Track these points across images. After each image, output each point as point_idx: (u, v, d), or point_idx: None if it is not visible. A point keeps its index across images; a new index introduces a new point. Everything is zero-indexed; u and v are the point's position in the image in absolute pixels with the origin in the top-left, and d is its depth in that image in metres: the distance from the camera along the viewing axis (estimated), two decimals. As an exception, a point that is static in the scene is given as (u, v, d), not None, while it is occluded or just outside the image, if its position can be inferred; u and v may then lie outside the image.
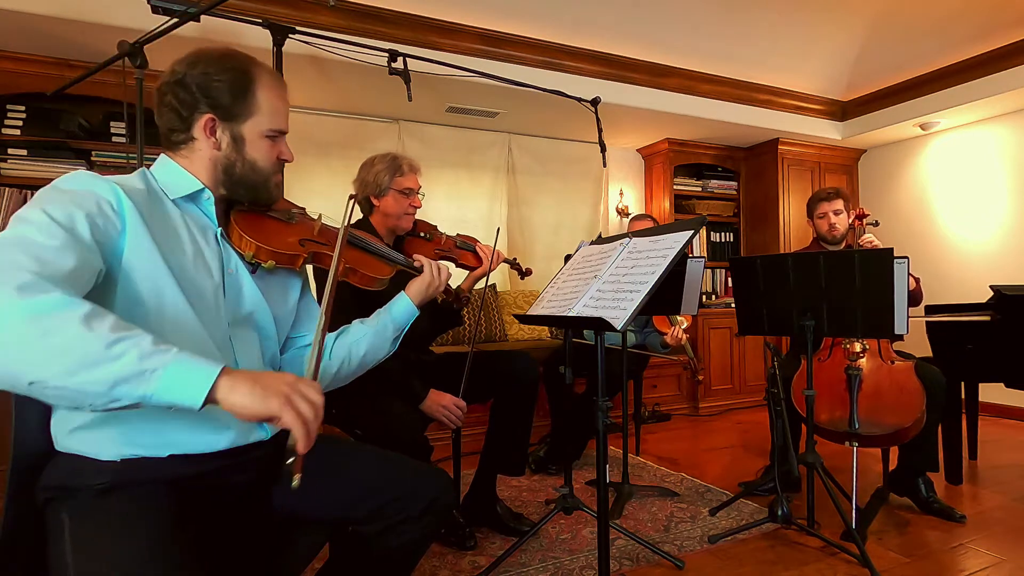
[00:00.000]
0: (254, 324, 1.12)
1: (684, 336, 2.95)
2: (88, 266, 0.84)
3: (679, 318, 2.89)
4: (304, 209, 1.27)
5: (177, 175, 1.05)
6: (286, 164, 1.16)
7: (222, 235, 1.09)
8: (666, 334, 2.93)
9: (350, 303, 1.57)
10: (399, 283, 1.39)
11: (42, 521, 0.91)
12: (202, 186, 1.06)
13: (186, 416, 0.94)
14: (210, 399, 0.75)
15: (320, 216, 1.28)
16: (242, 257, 1.10)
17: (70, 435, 0.92)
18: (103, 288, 0.89)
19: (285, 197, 1.28)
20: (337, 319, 1.36)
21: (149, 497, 0.89)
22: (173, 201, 1.03)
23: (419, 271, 1.40)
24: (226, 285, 1.06)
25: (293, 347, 1.25)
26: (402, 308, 1.34)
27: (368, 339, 1.29)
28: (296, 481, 0.78)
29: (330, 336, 1.29)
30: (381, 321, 1.32)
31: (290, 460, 0.78)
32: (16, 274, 0.72)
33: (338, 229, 1.19)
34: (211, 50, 1.07)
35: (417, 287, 1.37)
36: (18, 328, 0.69)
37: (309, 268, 1.26)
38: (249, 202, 1.14)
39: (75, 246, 0.82)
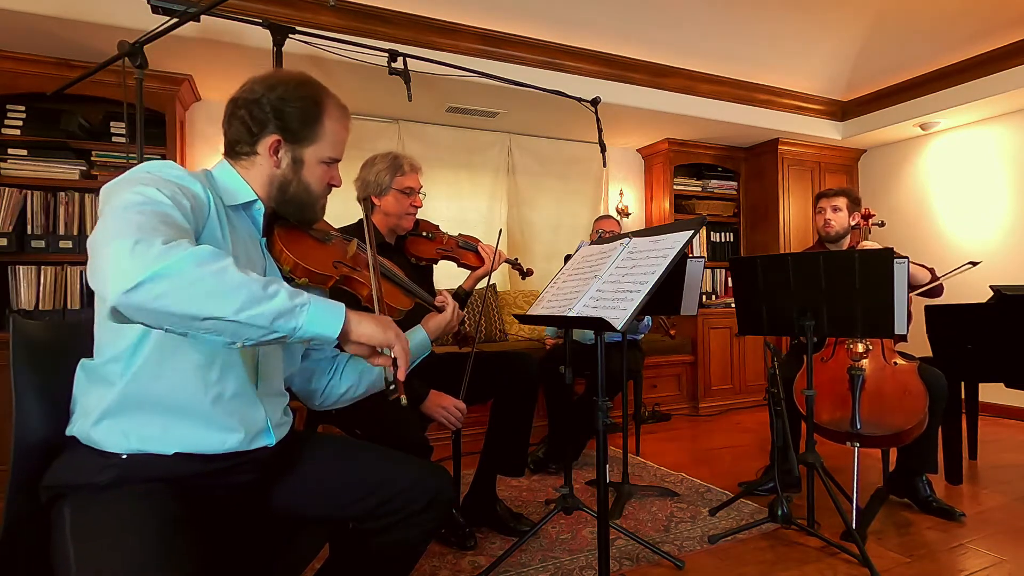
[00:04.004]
0: None
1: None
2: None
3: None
4: (340, 234, 1.32)
5: (236, 183, 1.10)
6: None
7: (265, 245, 1.14)
8: None
9: None
10: (414, 314, 1.41)
11: (45, 517, 0.92)
12: (256, 197, 1.10)
13: (196, 415, 0.96)
14: (344, 331, 0.89)
15: (355, 242, 1.32)
16: (280, 270, 1.14)
17: (87, 428, 0.93)
18: None
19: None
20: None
21: (151, 494, 0.90)
22: (228, 207, 1.07)
23: (438, 309, 1.43)
24: None
25: (308, 358, 1.28)
26: (418, 342, 1.36)
27: (379, 368, 1.29)
28: (404, 400, 0.98)
29: (342, 357, 1.31)
30: None
31: (392, 387, 0.97)
32: (166, 231, 0.81)
33: (368, 255, 1.25)
34: (290, 75, 1.12)
35: (436, 323, 1.41)
36: (195, 273, 0.77)
37: None
38: (295, 220, 1.18)
39: (189, 230, 0.89)
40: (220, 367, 0.99)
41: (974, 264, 2.36)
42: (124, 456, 0.92)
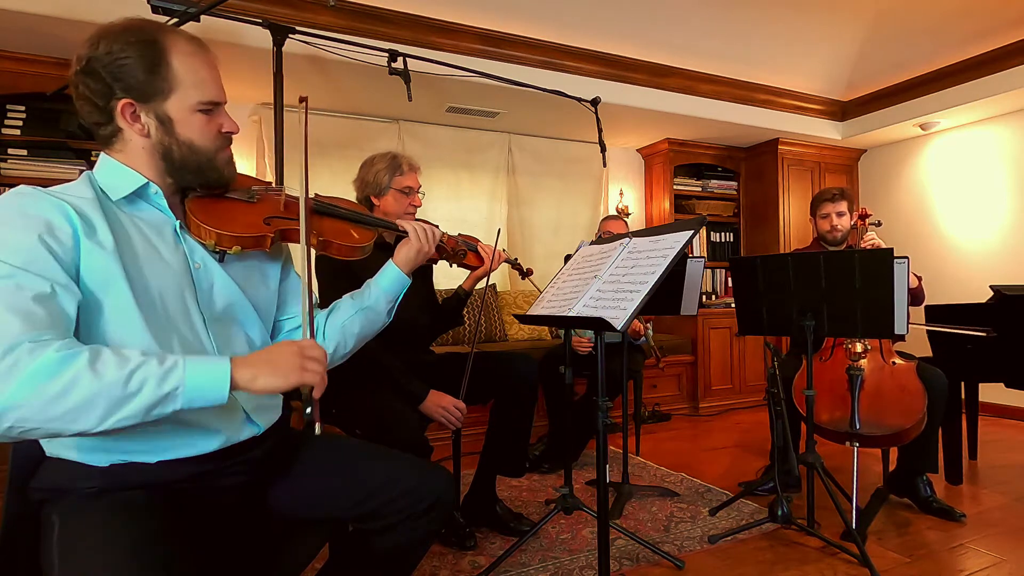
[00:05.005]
0: (234, 318, 1.06)
1: (643, 326, 2.94)
2: (67, 301, 0.82)
3: None
4: (269, 184, 1.18)
5: (118, 173, 0.97)
6: (233, 138, 1.07)
7: (181, 228, 1.01)
8: None
9: (340, 278, 1.52)
10: (389, 251, 1.33)
11: (36, 518, 0.91)
12: (145, 180, 0.98)
13: (174, 423, 0.91)
14: (234, 389, 0.81)
15: (284, 189, 1.17)
16: (206, 247, 1.02)
17: (61, 445, 0.91)
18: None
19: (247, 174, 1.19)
20: (328, 297, 1.31)
21: (138, 501, 0.87)
22: (117, 202, 0.96)
23: (399, 230, 1.32)
24: (195, 282, 1.00)
25: (283, 331, 1.20)
26: (391, 278, 1.26)
27: (360, 316, 1.23)
28: (319, 428, 0.87)
29: (320, 315, 1.23)
30: (372, 295, 1.25)
31: (309, 410, 0.87)
32: (11, 341, 0.73)
33: (306, 200, 1.08)
34: (113, 24, 0.95)
35: (406, 253, 1.29)
36: (39, 397, 0.72)
37: (296, 249, 1.15)
38: (201, 186, 1.04)
39: (48, 289, 0.80)
40: None
41: (989, 334, 2.37)
42: (107, 466, 0.89)
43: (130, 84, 0.93)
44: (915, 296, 2.46)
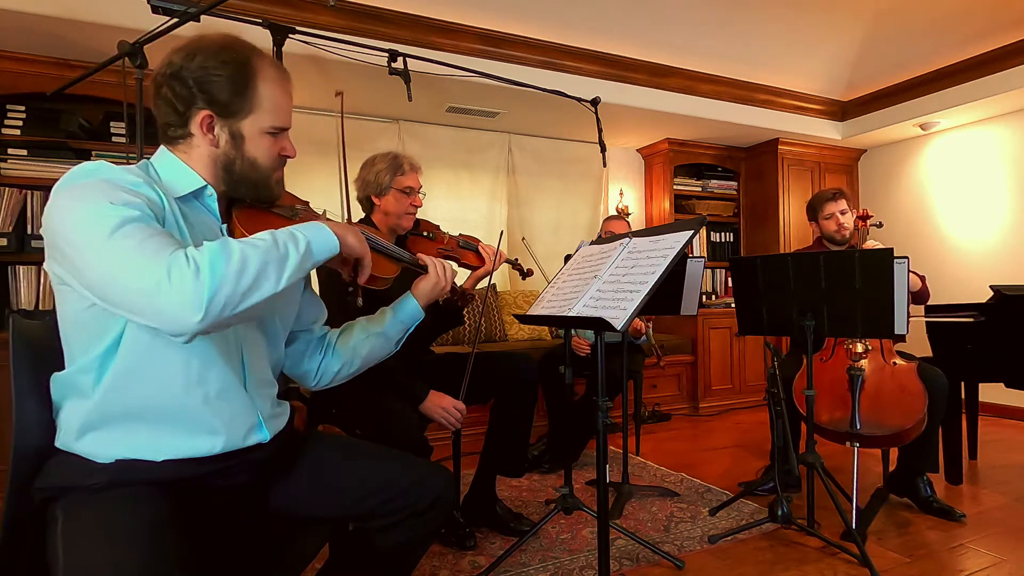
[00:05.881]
0: (261, 325, 1.09)
1: (643, 325, 2.95)
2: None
3: None
4: (308, 204, 1.24)
5: (180, 171, 1.01)
6: (288, 161, 1.13)
7: (226, 232, 1.06)
8: None
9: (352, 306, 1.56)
10: (403, 281, 1.38)
11: (39, 518, 0.91)
12: (204, 183, 1.02)
13: (182, 419, 0.94)
14: (340, 241, 1.00)
15: (324, 212, 1.25)
16: None
17: (70, 437, 0.92)
18: None
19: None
20: (338, 318, 1.36)
21: (142, 497, 0.88)
22: (177, 199, 0.99)
23: (425, 271, 1.37)
24: None
25: (297, 341, 1.24)
26: (408, 309, 1.33)
27: (371, 340, 1.28)
28: (360, 302, 1.13)
29: (332, 334, 1.28)
30: (386, 322, 1.30)
31: (351, 288, 1.09)
32: (165, 240, 0.82)
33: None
34: (210, 40, 1.01)
35: (423, 287, 1.35)
36: (231, 275, 0.81)
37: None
38: (250, 199, 1.10)
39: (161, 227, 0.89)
40: (200, 367, 0.95)
41: (976, 318, 2.38)
42: (113, 462, 0.90)
43: (215, 99, 0.99)
44: (919, 296, 2.46)
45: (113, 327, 0.89)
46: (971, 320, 2.44)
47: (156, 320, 0.78)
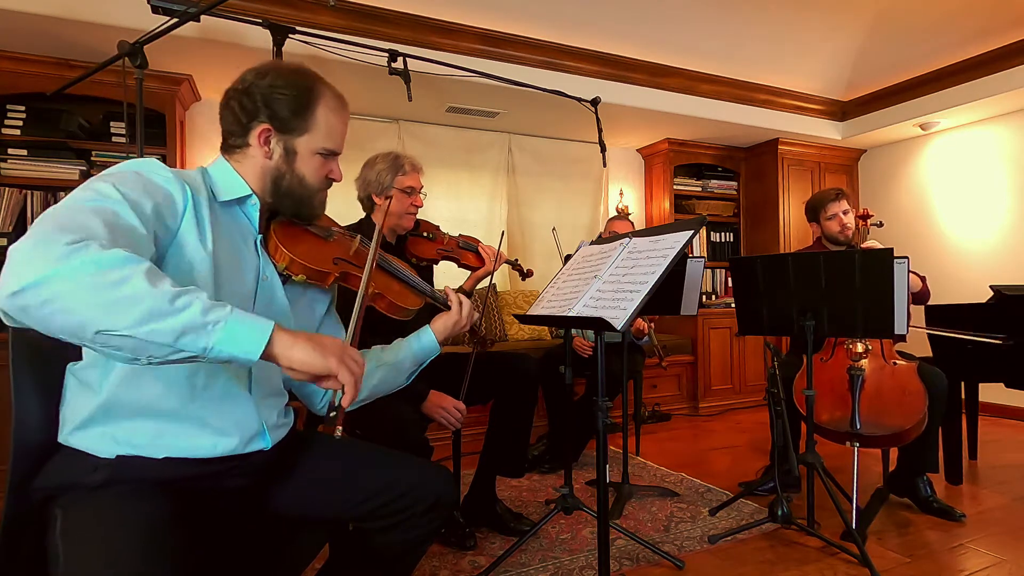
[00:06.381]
0: None
1: (646, 325, 2.94)
2: (147, 246, 0.86)
3: None
4: (344, 230, 1.28)
5: (229, 178, 1.07)
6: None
7: (261, 242, 1.10)
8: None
9: (371, 328, 1.56)
10: (422, 312, 1.38)
11: (38, 518, 0.91)
12: (250, 191, 1.07)
13: (186, 419, 0.94)
14: (268, 354, 0.78)
15: (359, 239, 1.28)
16: (275, 267, 1.11)
17: (72, 433, 0.93)
18: None
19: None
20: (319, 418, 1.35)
21: (142, 495, 0.88)
22: (221, 203, 1.04)
23: (448, 307, 1.39)
24: (258, 292, 1.07)
25: None
26: (425, 344, 1.33)
27: (382, 371, 1.28)
28: (339, 433, 0.89)
29: None
30: (400, 354, 1.31)
31: (333, 414, 0.88)
32: (93, 230, 0.76)
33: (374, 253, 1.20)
34: (284, 65, 1.10)
35: (444, 323, 1.36)
36: (91, 279, 0.70)
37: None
38: (291, 215, 1.15)
39: (139, 229, 0.85)
40: (207, 373, 0.96)
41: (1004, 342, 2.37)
42: (113, 458, 0.91)
43: (276, 114, 1.05)
44: (920, 297, 2.46)
45: None
46: (999, 343, 2.41)
47: None
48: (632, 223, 3.33)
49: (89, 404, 0.92)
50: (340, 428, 0.88)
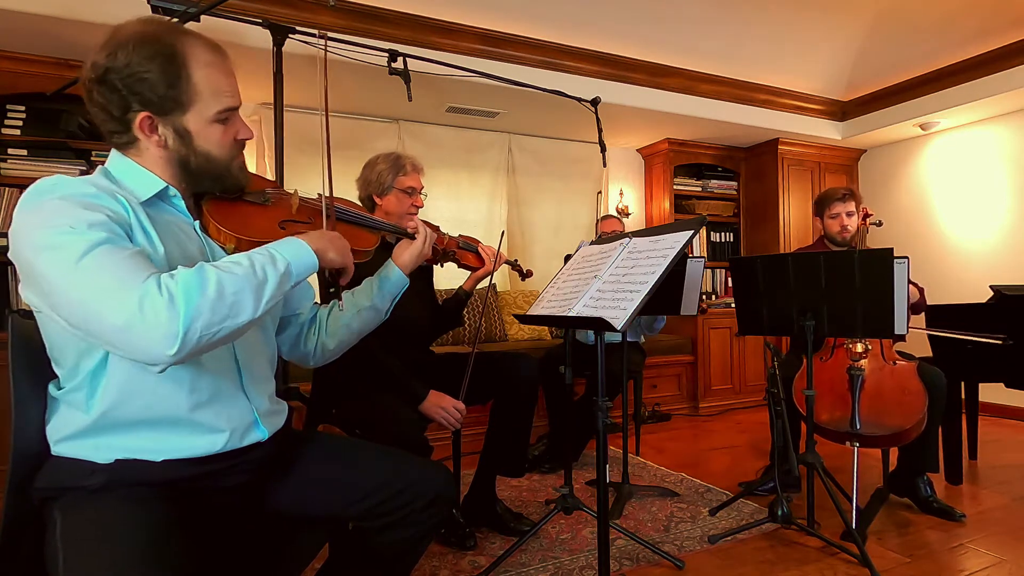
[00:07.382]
0: None
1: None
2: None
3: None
4: (277, 185, 1.20)
5: (138, 175, 0.96)
6: (246, 146, 1.08)
7: (200, 228, 1.03)
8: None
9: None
10: (387, 249, 1.37)
11: (38, 518, 0.91)
12: (165, 184, 0.97)
13: (182, 423, 0.93)
14: (319, 257, 0.98)
15: (296, 191, 1.20)
16: (224, 250, 1.04)
17: (63, 442, 0.92)
18: None
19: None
20: (325, 295, 1.36)
21: (141, 497, 0.88)
22: (144, 203, 0.94)
23: (406, 233, 1.38)
24: None
25: (289, 326, 1.25)
26: (392, 280, 1.32)
27: (362, 315, 1.29)
28: (341, 306, 1.22)
29: (322, 312, 1.29)
30: (372, 295, 1.30)
31: (333, 290, 1.12)
32: (134, 264, 0.79)
33: (317, 203, 1.18)
34: (130, 32, 0.92)
35: (408, 255, 1.35)
36: (204, 304, 0.78)
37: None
38: (218, 192, 1.05)
39: (132, 246, 0.85)
40: (191, 377, 0.93)
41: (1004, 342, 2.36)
42: (112, 462, 0.90)
43: (149, 99, 0.92)
44: (917, 307, 2.45)
45: (97, 347, 0.88)
46: (999, 343, 2.41)
47: (131, 354, 0.78)
48: (622, 220, 3.32)
49: (77, 422, 0.91)
50: (343, 302, 1.20)
